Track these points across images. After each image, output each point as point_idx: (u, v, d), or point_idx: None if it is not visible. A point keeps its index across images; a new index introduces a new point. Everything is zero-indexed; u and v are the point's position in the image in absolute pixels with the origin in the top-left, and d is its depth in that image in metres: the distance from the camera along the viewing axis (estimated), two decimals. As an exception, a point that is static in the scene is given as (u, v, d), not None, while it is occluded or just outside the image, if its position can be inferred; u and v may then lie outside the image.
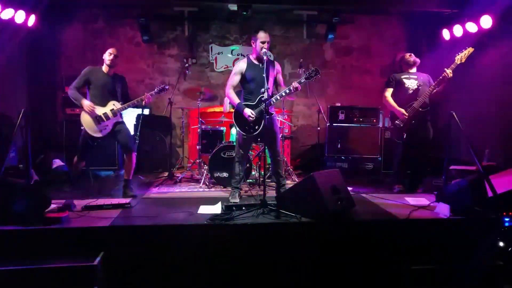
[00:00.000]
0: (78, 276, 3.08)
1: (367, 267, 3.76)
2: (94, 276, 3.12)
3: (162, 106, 7.58)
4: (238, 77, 4.77)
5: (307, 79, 4.53)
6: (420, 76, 5.22)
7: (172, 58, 7.84)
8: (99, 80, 4.89)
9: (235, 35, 7.91)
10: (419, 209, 4.32)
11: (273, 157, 4.91)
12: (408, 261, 3.64)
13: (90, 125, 4.85)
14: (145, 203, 4.71)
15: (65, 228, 3.63)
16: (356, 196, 4.91)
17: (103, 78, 4.92)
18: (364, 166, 6.95)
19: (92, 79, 4.86)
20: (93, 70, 4.91)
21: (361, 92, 7.92)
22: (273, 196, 4.76)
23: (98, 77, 4.89)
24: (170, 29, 7.80)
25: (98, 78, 4.89)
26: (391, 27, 7.98)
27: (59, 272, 3.06)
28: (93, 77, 4.87)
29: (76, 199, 4.41)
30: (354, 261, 3.76)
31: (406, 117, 5.09)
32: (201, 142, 6.20)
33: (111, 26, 7.61)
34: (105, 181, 6.05)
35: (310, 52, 8.00)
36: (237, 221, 3.83)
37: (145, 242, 3.63)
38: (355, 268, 3.75)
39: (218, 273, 3.64)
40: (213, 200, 4.62)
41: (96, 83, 4.87)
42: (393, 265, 3.73)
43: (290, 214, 3.95)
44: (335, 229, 3.86)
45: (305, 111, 8.10)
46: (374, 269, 3.76)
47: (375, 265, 3.76)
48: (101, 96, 4.89)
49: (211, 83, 7.90)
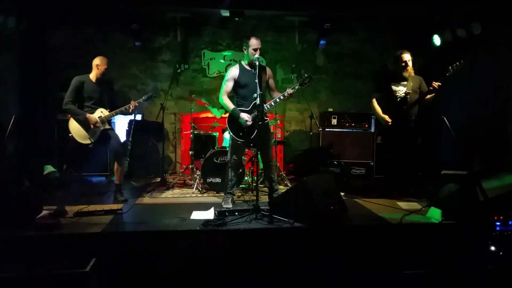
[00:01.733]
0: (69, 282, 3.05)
1: (360, 272, 3.76)
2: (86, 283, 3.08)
3: (154, 111, 7.55)
4: (231, 83, 4.79)
5: (300, 85, 4.60)
6: (410, 82, 5.10)
7: (165, 64, 7.83)
8: (88, 89, 4.91)
9: (227, 41, 7.93)
10: (411, 214, 4.34)
11: (265, 163, 4.92)
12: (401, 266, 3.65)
13: (79, 132, 4.86)
14: (137, 209, 4.69)
15: (56, 234, 3.61)
16: (349, 201, 4.92)
17: (91, 86, 4.94)
18: (356, 171, 6.99)
19: (81, 89, 4.89)
20: (81, 79, 4.92)
21: (353, 98, 7.96)
22: (266, 201, 4.75)
23: (86, 86, 4.91)
24: (163, 35, 7.80)
25: (86, 87, 4.91)
26: (382, 32, 8.03)
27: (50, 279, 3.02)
28: (82, 86, 4.89)
29: (68, 205, 4.39)
30: (347, 266, 3.76)
31: (389, 124, 5.07)
32: (194, 147, 6.19)
33: (103, 32, 7.59)
34: (97, 187, 6.01)
35: (302, 57, 8.03)
36: (230, 226, 3.82)
37: (137, 248, 3.62)
38: (348, 273, 3.76)
39: (211, 279, 3.62)
40: (205, 206, 4.61)
41: (84, 94, 4.90)
42: (385, 269, 3.73)
43: (283, 219, 3.95)
44: (328, 234, 3.87)
45: (297, 116, 8.11)
46: (367, 274, 3.76)
47: (367, 269, 3.77)
48: (90, 105, 4.93)
49: (204, 88, 7.90)
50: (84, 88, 4.88)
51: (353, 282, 3.76)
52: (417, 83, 5.14)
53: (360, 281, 3.76)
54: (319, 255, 3.76)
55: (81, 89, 4.87)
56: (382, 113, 5.15)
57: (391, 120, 5.06)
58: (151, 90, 7.72)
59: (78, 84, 4.88)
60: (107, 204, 4.77)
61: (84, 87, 4.88)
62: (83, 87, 4.88)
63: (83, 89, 4.88)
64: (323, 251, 3.78)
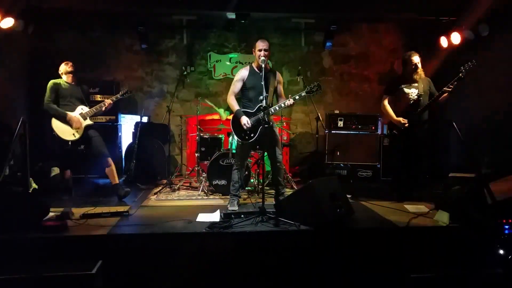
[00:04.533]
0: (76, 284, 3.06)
1: (366, 275, 3.74)
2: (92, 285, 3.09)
3: (160, 114, 7.58)
4: (239, 84, 4.80)
5: (308, 93, 4.60)
6: (421, 84, 5.06)
7: (171, 66, 7.86)
8: (65, 90, 5.18)
9: (233, 43, 7.94)
10: (418, 217, 4.31)
11: (273, 165, 4.90)
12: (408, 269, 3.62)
13: (62, 128, 5.06)
14: (143, 211, 4.69)
15: (63, 237, 3.63)
16: (355, 204, 4.90)
17: (68, 87, 5.22)
18: (363, 173, 6.96)
19: (59, 91, 5.14)
20: (57, 82, 5.20)
21: (360, 99, 7.95)
22: (272, 204, 4.75)
23: (63, 88, 5.17)
24: (169, 37, 7.83)
25: (63, 88, 5.17)
26: (389, 34, 8.02)
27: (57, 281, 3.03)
28: (60, 88, 5.15)
29: (74, 207, 4.41)
30: (353, 269, 3.74)
31: (405, 126, 5.01)
32: (200, 149, 6.19)
33: (109, 34, 7.64)
34: (103, 189, 6.02)
35: (308, 59, 8.03)
36: (235, 229, 3.81)
37: (143, 250, 3.62)
38: (354, 276, 3.74)
39: (217, 282, 3.62)
40: (211, 208, 4.61)
41: (63, 93, 5.15)
42: (392, 273, 3.71)
43: (289, 222, 3.94)
44: (334, 237, 3.85)
45: (303, 118, 8.11)
46: (373, 277, 3.74)
47: (374, 273, 3.74)
48: (70, 103, 5.17)
49: (210, 90, 7.92)
50: (61, 90, 5.16)
51: (360, 285, 3.73)
52: (427, 84, 5.13)
53: (366, 284, 3.73)
54: (325, 258, 3.74)
55: (57, 89, 5.14)
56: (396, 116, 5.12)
57: (407, 123, 5.01)
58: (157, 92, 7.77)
59: (54, 85, 5.17)
60: (113, 206, 4.78)
61: (61, 88, 5.17)
62: (59, 88, 5.17)
63: (59, 90, 5.15)
64: (329, 254, 3.76)
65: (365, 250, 3.81)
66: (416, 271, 3.57)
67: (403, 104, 5.12)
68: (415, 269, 3.59)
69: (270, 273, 3.66)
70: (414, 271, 3.58)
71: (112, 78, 7.49)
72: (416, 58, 5.05)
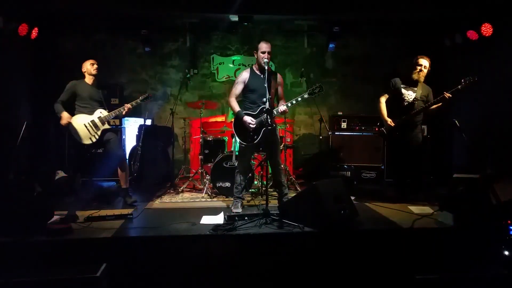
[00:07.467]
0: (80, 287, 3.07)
1: (371, 277, 3.73)
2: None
3: (164, 116, 7.60)
4: (241, 86, 4.79)
5: (310, 95, 4.60)
6: (420, 89, 5.09)
7: (174, 69, 7.89)
8: (84, 91, 5.06)
9: (236, 46, 7.96)
10: (422, 218, 4.30)
11: (274, 167, 4.90)
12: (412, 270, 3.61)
13: (80, 132, 4.93)
14: (148, 213, 4.70)
15: (67, 240, 3.63)
16: (359, 205, 4.89)
17: (88, 89, 5.10)
18: (366, 175, 6.95)
19: (78, 92, 5.02)
20: (77, 83, 5.08)
21: (363, 101, 7.93)
22: (276, 206, 4.75)
23: (83, 89, 5.06)
24: (172, 40, 7.86)
25: (83, 90, 5.06)
26: (392, 35, 8.00)
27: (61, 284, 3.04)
28: (79, 90, 5.03)
29: (79, 210, 4.42)
30: (357, 271, 3.73)
31: (391, 126, 5.08)
32: (203, 152, 6.20)
33: (113, 38, 7.67)
34: (108, 192, 6.04)
35: (311, 61, 8.03)
36: (239, 231, 3.82)
37: (147, 253, 3.62)
38: (358, 278, 3.73)
39: (221, 284, 3.61)
40: (215, 210, 4.62)
41: (82, 95, 5.03)
42: (396, 274, 3.69)
43: (293, 223, 3.94)
44: (338, 238, 3.84)
45: (306, 120, 8.11)
46: (378, 279, 3.73)
47: (378, 274, 3.73)
48: (89, 106, 5.05)
49: (213, 93, 7.93)
50: (80, 91, 5.02)
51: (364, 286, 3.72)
52: (426, 92, 5.15)
53: (371, 285, 3.72)
54: (330, 260, 3.73)
55: (76, 91, 5.02)
56: (387, 116, 5.17)
57: (394, 124, 5.07)
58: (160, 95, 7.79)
59: (73, 86, 5.04)
60: (117, 209, 4.79)
61: (81, 89, 5.03)
62: (78, 89, 5.02)
63: (78, 92, 5.01)
64: (333, 256, 3.75)
65: (370, 252, 3.79)
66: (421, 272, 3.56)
67: (397, 105, 5.16)
68: (419, 270, 3.58)
69: (274, 275, 3.66)
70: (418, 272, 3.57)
71: (116, 81, 7.52)
72: (424, 61, 5.06)
